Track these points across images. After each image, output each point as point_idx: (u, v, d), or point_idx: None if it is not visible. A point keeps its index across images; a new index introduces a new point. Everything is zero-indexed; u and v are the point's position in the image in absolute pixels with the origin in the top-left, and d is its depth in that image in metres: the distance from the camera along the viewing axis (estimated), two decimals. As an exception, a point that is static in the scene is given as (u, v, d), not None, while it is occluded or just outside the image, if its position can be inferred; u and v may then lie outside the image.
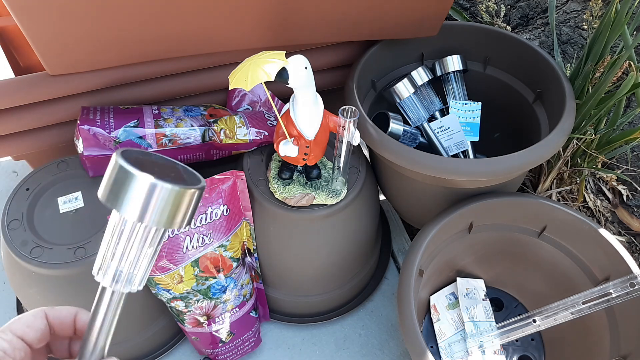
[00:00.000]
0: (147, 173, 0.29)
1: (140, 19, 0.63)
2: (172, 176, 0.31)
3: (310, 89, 0.62)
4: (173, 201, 0.29)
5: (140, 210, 0.29)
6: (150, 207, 0.29)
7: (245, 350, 0.83)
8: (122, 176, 0.29)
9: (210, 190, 0.71)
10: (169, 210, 0.29)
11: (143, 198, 0.29)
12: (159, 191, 0.29)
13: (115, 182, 0.29)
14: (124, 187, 0.29)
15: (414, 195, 0.84)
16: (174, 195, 0.29)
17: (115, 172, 0.29)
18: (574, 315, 0.70)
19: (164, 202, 0.29)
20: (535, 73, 0.84)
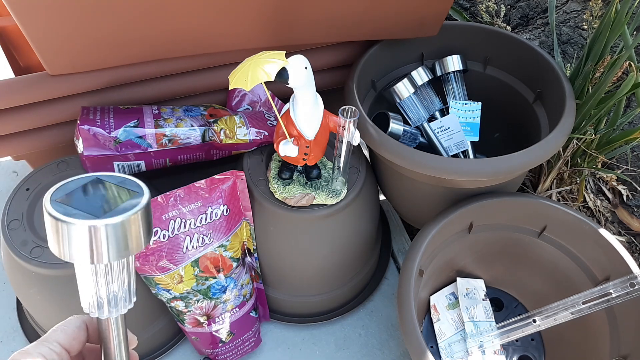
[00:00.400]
0: (80, 211, 0.28)
1: (140, 19, 0.63)
2: (111, 200, 0.30)
3: (310, 89, 0.62)
4: (121, 232, 0.28)
5: (90, 255, 0.28)
6: (99, 248, 0.28)
7: (245, 350, 0.83)
8: (58, 227, 0.28)
9: (210, 190, 0.71)
10: (121, 242, 0.28)
11: (88, 243, 0.28)
12: (101, 231, 0.28)
13: (56, 234, 0.28)
14: (65, 238, 0.28)
15: (414, 195, 0.84)
16: (119, 228, 0.28)
17: (51, 224, 0.28)
18: (574, 315, 0.70)
19: (112, 238, 0.28)
20: (535, 73, 0.84)
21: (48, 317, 0.77)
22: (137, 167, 0.73)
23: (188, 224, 0.70)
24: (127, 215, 0.28)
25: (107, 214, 0.28)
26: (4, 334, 0.87)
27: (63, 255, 0.29)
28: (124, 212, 0.29)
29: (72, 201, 0.29)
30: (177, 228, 0.69)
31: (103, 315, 0.32)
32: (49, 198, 0.29)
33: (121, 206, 0.29)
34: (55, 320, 0.79)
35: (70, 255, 0.28)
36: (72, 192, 0.30)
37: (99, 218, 0.28)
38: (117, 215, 0.28)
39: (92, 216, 0.28)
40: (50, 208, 0.28)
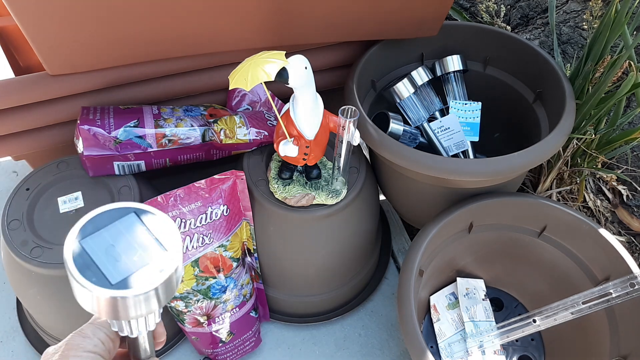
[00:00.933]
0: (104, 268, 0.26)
1: (139, 19, 0.63)
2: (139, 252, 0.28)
3: (310, 89, 0.62)
4: (144, 299, 0.27)
5: (114, 316, 0.27)
6: (122, 313, 0.27)
7: (245, 350, 0.83)
8: (82, 290, 0.26)
9: (210, 190, 0.71)
10: (145, 305, 0.27)
11: (112, 309, 0.27)
12: (128, 301, 0.26)
13: (79, 293, 0.27)
14: (89, 299, 0.27)
15: (414, 195, 0.84)
16: (144, 297, 0.27)
17: (73, 284, 0.27)
18: (574, 315, 0.70)
19: (135, 305, 0.27)
20: (535, 73, 0.84)
21: (48, 317, 0.77)
22: (137, 167, 0.73)
23: (188, 224, 0.70)
24: (154, 285, 0.27)
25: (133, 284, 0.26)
26: (4, 334, 0.87)
27: (86, 308, 0.28)
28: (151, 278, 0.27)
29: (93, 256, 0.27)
30: (177, 228, 0.69)
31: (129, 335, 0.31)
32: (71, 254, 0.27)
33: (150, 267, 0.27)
34: (55, 320, 0.79)
35: (94, 311, 0.27)
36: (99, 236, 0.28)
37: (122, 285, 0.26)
38: (144, 282, 0.27)
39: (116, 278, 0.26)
40: (75, 271, 0.26)
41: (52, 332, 0.79)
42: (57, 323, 0.77)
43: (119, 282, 0.26)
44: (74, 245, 0.27)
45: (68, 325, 0.75)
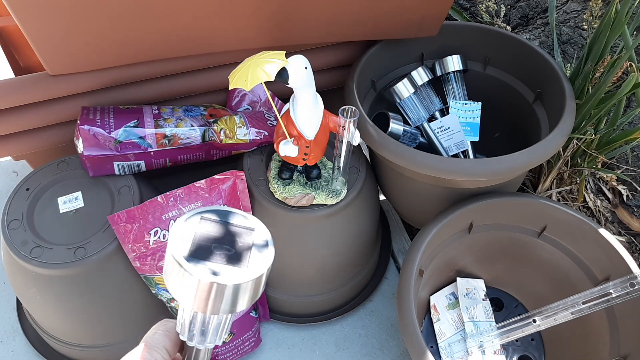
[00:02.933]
0: (208, 261, 0.28)
1: (140, 19, 0.63)
2: (238, 249, 0.29)
3: (310, 89, 0.62)
4: (235, 293, 0.28)
5: (200, 305, 0.28)
6: (210, 303, 0.28)
7: (245, 350, 0.83)
8: (180, 272, 0.28)
9: (210, 190, 0.71)
10: (232, 300, 0.29)
11: (203, 296, 0.28)
12: (219, 289, 0.28)
13: (174, 276, 0.28)
14: (182, 283, 0.28)
15: (414, 195, 0.84)
16: (234, 289, 0.28)
17: (172, 266, 0.28)
18: (574, 315, 0.70)
19: (225, 297, 0.28)
20: (535, 73, 0.84)
21: (48, 317, 0.77)
22: (137, 167, 0.73)
23: (188, 224, 0.69)
24: (253, 276, 0.28)
25: (231, 266, 0.28)
26: (4, 334, 0.87)
27: (175, 295, 0.29)
28: (250, 269, 0.28)
29: (195, 245, 0.29)
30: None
31: (191, 344, 0.32)
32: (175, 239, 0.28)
33: (249, 263, 0.29)
34: (55, 320, 0.79)
35: (183, 300, 0.29)
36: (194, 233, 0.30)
37: (220, 272, 0.27)
38: (242, 273, 0.28)
39: (214, 266, 0.28)
40: (177, 253, 0.28)
41: (52, 332, 0.79)
42: (57, 323, 0.77)
43: (216, 272, 0.28)
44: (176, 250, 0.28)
45: (68, 325, 0.75)
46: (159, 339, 0.33)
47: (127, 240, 0.66)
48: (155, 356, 0.32)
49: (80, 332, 0.76)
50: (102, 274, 0.68)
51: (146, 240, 0.67)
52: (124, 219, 0.66)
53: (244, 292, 0.29)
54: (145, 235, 0.67)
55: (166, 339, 0.33)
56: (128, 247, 0.66)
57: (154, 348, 0.32)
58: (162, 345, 0.33)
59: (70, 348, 0.78)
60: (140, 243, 0.67)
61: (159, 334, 0.33)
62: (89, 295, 0.69)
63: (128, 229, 0.66)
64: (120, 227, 0.65)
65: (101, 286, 0.69)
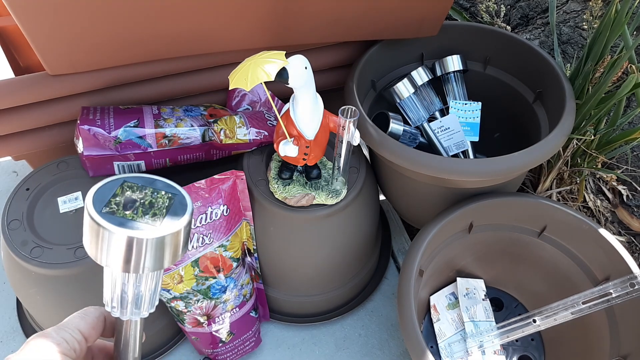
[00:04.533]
0: (124, 218, 0.27)
1: (140, 19, 0.63)
2: (153, 208, 0.29)
3: (310, 89, 0.62)
4: (157, 247, 0.28)
5: (124, 263, 0.28)
6: (134, 259, 0.28)
7: (245, 350, 0.83)
8: (98, 231, 0.28)
9: (210, 190, 0.71)
10: (155, 256, 0.28)
11: (124, 252, 0.28)
12: (138, 243, 0.27)
13: (94, 237, 0.28)
14: (103, 243, 0.28)
15: (414, 195, 0.84)
16: (156, 243, 0.28)
17: (90, 228, 0.28)
18: (574, 315, 0.70)
19: (152, 251, 0.28)
20: (535, 73, 0.84)
21: (48, 317, 0.77)
22: (137, 167, 0.73)
23: (188, 224, 0.69)
24: (171, 230, 0.28)
25: (150, 223, 0.28)
26: (4, 334, 0.87)
27: (98, 259, 0.29)
28: (168, 225, 0.28)
29: (114, 204, 0.29)
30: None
31: (124, 317, 0.32)
32: (92, 199, 0.28)
33: (165, 218, 0.29)
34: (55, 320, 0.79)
35: (106, 261, 0.28)
36: (114, 194, 0.30)
37: (140, 228, 0.27)
38: (160, 227, 0.28)
39: (133, 224, 0.28)
40: (93, 211, 0.28)
41: (52, 332, 0.79)
42: (56, 323, 0.77)
43: (136, 227, 0.28)
44: (92, 205, 0.28)
45: (68, 325, 0.75)
46: (72, 319, 0.32)
47: (127, 240, 0.66)
48: (64, 335, 0.30)
49: (80, 332, 0.76)
50: (102, 274, 0.68)
51: (146, 240, 0.67)
52: (124, 219, 0.66)
53: (164, 247, 0.28)
54: (145, 235, 0.67)
55: (81, 321, 0.32)
56: (128, 247, 0.66)
57: (63, 328, 0.31)
58: (74, 326, 0.31)
59: (70, 348, 0.78)
60: (140, 243, 0.67)
61: (74, 315, 0.32)
62: (89, 295, 0.69)
63: (128, 229, 0.66)
64: (120, 227, 0.65)
65: (101, 286, 0.69)
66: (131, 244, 0.27)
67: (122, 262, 0.28)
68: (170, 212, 0.30)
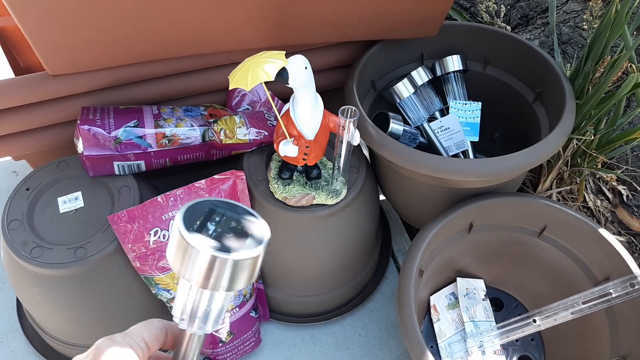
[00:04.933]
0: (209, 238, 0.30)
1: (140, 19, 0.63)
2: (235, 233, 0.32)
3: (310, 89, 0.62)
4: (236, 269, 0.30)
5: (203, 280, 0.30)
6: (214, 277, 0.30)
7: (245, 350, 0.83)
8: (186, 249, 0.30)
9: (210, 190, 0.71)
10: (233, 276, 0.30)
11: (205, 270, 0.30)
12: (220, 263, 0.30)
13: (180, 253, 0.30)
14: (189, 259, 0.30)
15: (414, 195, 0.84)
16: (236, 265, 0.30)
17: (178, 243, 0.30)
18: (574, 315, 0.70)
19: (227, 272, 0.30)
20: (535, 73, 0.84)
21: (48, 317, 0.77)
22: (137, 167, 0.73)
23: (188, 224, 0.69)
24: (251, 255, 0.31)
25: (231, 246, 0.30)
26: (3, 334, 0.87)
27: (181, 274, 0.31)
28: (249, 249, 0.31)
29: (201, 224, 0.31)
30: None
31: (190, 330, 0.33)
32: (182, 217, 0.30)
33: (246, 242, 0.31)
34: (55, 320, 0.79)
35: (188, 275, 0.30)
36: (202, 214, 0.32)
37: (225, 250, 0.30)
38: (241, 251, 0.30)
39: (217, 244, 0.30)
40: (182, 228, 0.30)
41: (52, 332, 0.79)
42: (57, 323, 0.77)
43: (221, 247, 0.30)
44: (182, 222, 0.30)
45: (68, 325, 0.75)
46: (138, 328, 0.33)
47: (127, 240, 0.66)
48: (130, 342, 0.32)
49: (80, 332, 0.76)
50: (102, 274, 0.68)
51: (146, 240, 0.67)
52: (124, 219, 0.66)
53: (242, 270, 0.31)
54: (145, 235, 0.67)
55: (146, 330, 0.33)
56: (128, 247, 0.66)
57: (129, 335, 0.32)
58: (139, 335, 0.33)
59: (70, 348, 0.78)
60: (140, 243, 0.67)
61: (139, 325, 0.34)
62: (89, 295, 0.69)
63: (128, 229, 0.66)
64: (120, 227, 0.65)
65: (101, 286, 0.69)
66: (213, 263, 0.30)
67: (202, 279, 0.30)
68: (251, 237, 0.32)
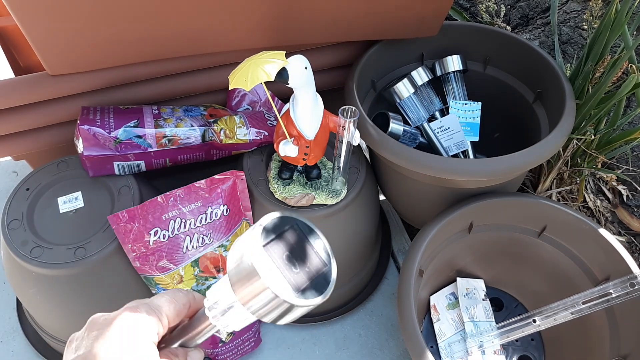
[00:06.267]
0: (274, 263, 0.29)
1: (140, 19, 0.63)
2: (305, 268, 0.31)
3: (310, 89, 0.62)
4: (283, 310, 0.30)
5: (248, 301, 0.30)
6: (259, 306, 0.30)
7: (245, 350, 0.83)
8: (249, 270, 0.29)
9: (210, 190, 0.71)
10: (276, 313, 0.30)
11: (255, 297, 0.29)
12: (275, 301, 0.29)
13: (242, 269, 0.29)
14: (246, 279, 0.29)
15: (414, 195, 0.84)
16: (286, 307, 0.29)
17: (244, 260, 0.29)
18: (574, 315, 0.70)
19: (275, 308, 0.30)
20: (535, 73, 0.84)
21: (48, 317, 0.77)
22: (137, 167, 0.73)
23: (188, 224, 0.70)
24: (306, 304, 0.30)
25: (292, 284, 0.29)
26: (3, 334, 0.87)
27: (234, 291, 0.30)
28: (306, 297, 0.30)
29: (275, 243, 0.30)
30: (177, 228, 0.69)
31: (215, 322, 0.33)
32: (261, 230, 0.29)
33: (308, 284, 0.30)
34: (55, 320, 0.79)
35: (240, 296, 0.30)
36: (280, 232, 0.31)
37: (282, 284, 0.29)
38: (299, 297, 0.29)
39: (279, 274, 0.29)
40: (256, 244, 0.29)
41: (52, 332, 0.79)
42: (56, 323, 0.77)
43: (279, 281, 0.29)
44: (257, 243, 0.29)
45: (68, 325, 0.75)
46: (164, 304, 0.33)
47: (127, 240, 0.66)
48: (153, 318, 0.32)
49: (80, 332, 0.76)
50: (102, 274, 0.68)
51: (146, 240, 0.67)
52: (124, 219, 0.66)
53: (291, 314, 0.30)
54: (145, 235, 0.67)
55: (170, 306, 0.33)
56: (128, 247, 0.66)
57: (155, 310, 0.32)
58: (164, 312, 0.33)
59: (70, 348, 0.78)
60: (140, 243, 0.67)
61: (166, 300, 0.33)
62: (89, 295, 0.69)
63: (128, 229, 0.66)
64: (120, 227, 0.65)
65: (101, 286, 0.69)
66: (268, 297, 0.29)
67: (247, 299, 0.30)
68: (314, 281, 0.32)
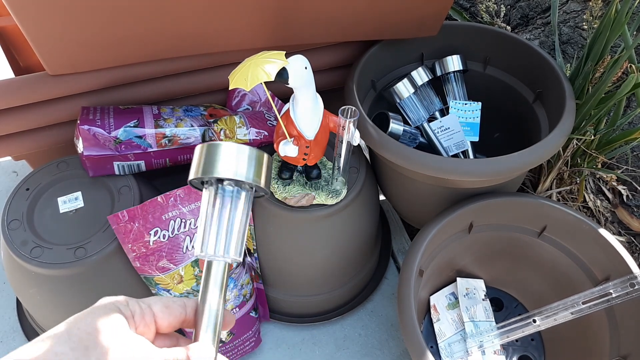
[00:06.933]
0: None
1: (140, 19, 0.63)
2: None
3: (310, 89, 0.62)
4: (256, 159, 0.37)
5: (232, 168, 0.36)
6: (240, 164, 0.36)
7: (245, 350, 0.83)
8: (212, 150, 0.36)
9: (210, 190, 0.71)
10: (255, 165, 0.37)
11: (234, 157, 0.36)
12: (243, 151, 0.36)
13: (207, 156, 0.36)
14: (216, 156, 0.36)
15: (414, 195, 0.84)
16: (256, 154, 0.37)
17: (205, 150, 0.36)
18: (574, 315, 0.70)
19: (249, 159, 0.36)
20: (535, 73, 0.84)
21: (48, 317, 0.77)
22: (137, 167, 0.73)
23: (188, 224, 0.70)
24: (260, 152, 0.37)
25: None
26: (3, 334, 0.87)
27: (208, 172, 0.36)
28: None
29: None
30: (177, 228, 0.69)
31: (211, 255, 0.36)
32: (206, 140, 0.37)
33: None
34: (55, 320, 0.79)
35: (214, 169, 0.36)
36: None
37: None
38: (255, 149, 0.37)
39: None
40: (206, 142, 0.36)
41: (52, 332, 0.79)
42: (57, 323, 0.76)
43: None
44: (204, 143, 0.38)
45: (68, 325, 0.75)
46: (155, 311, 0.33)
47: (127, 240, 0.66)
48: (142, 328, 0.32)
49: (80, 332, 0.76)
50: (102, 274, 0.68)
51: (146, 240, 0.67)
52: (124, 219, 0.66)
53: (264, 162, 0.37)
54: (145, 235, 0.67)
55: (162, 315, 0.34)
56: (128, 247, 0.66)
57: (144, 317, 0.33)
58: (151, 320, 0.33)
59: (70, 348, 0.78)
60: (140, 243, 0.67)
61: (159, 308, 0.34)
62: (89, 295, 0.69)
63: (128, 229, 0.66)
64: (120, 227, 0.65)
65: (101, 286, 0.69)
66: (238, 150, 0.36)
67: (229, 167, 0.36)
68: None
